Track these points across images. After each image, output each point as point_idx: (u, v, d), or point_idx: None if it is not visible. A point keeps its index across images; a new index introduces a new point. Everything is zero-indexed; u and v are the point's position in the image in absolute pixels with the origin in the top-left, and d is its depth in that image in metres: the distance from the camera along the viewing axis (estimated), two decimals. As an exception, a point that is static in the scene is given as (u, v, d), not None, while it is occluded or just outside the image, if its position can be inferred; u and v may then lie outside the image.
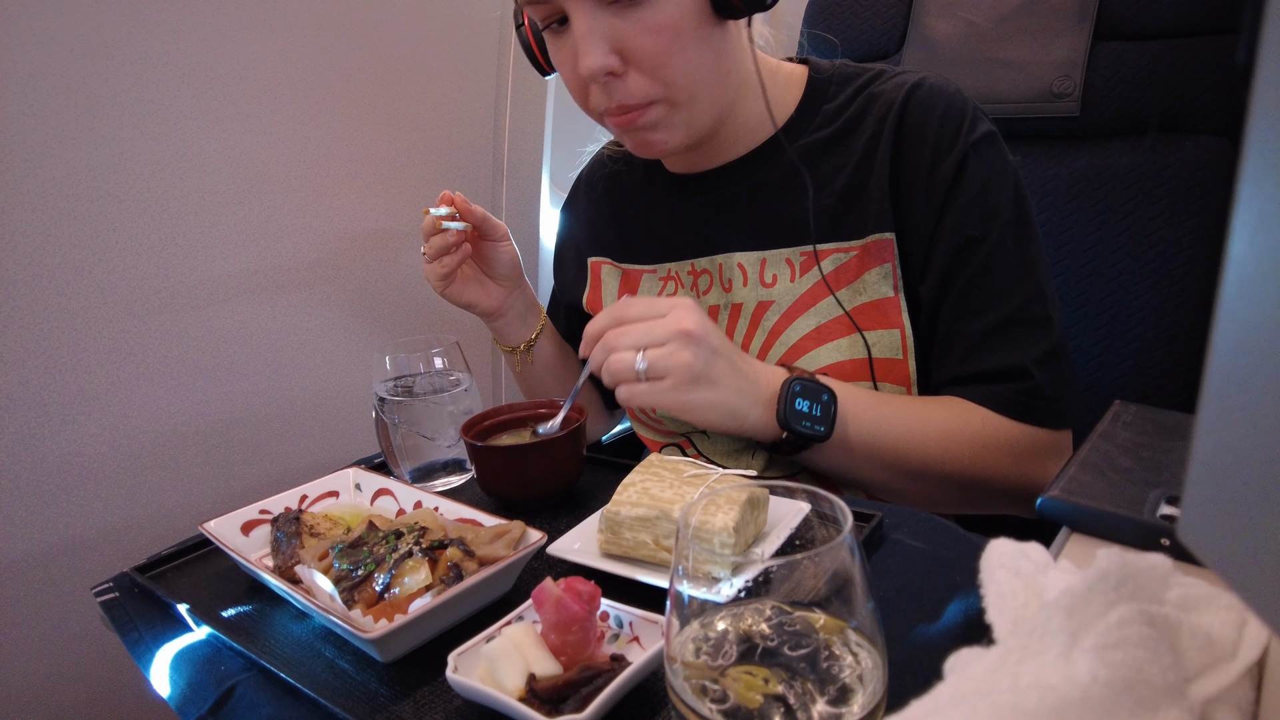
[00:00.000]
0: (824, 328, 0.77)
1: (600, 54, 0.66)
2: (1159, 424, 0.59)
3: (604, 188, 0.96)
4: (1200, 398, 0.19)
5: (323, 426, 1.14)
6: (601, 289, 0.94)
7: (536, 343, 0.94)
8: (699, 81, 0.71)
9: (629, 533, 0.58)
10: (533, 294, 0.95)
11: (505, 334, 0.93)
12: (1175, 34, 0.90)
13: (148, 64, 0.89)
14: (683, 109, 0.71)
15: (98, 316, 0.90)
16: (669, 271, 0.88)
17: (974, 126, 0.73)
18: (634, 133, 0.73)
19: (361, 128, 1.13)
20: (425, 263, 0.85)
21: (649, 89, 0.69)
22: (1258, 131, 0.17)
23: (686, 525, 0.36)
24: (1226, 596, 0.34)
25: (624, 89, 0.69)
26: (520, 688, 0.44)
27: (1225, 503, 0.19)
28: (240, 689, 0.51)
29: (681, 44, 0.68)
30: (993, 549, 0.41)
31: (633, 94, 0.69)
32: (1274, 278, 0.17)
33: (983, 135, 0.73)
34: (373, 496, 0.72)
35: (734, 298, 0.82)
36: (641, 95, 0.69)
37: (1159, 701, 0.28)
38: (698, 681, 0.34)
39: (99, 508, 0.93)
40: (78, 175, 0.86)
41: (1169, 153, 0.90)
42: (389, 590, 0.53)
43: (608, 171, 0.96)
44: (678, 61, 0.68)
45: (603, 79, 0.68)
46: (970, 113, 0.74)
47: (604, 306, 0.89)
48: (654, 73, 0.68)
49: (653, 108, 0.70)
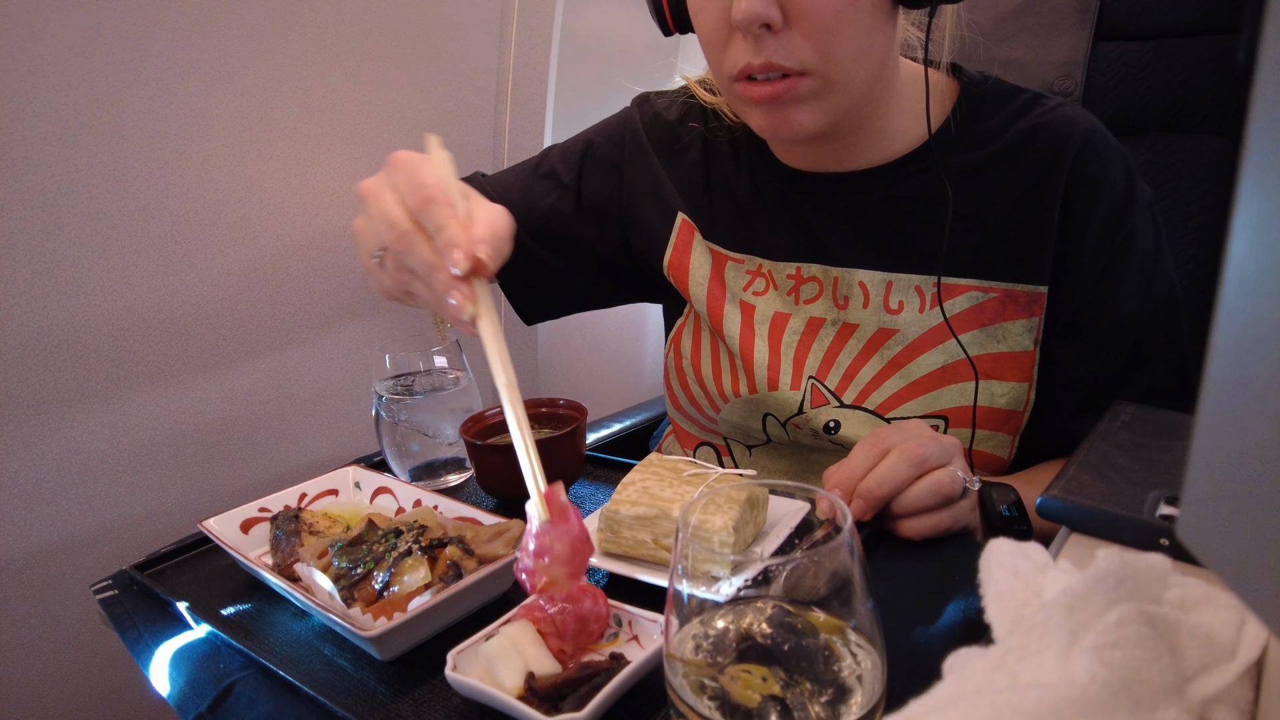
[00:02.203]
0: (949, 368, 0.71)
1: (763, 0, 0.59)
2: (1158, 424, 0.59)
3: (703, 140, 0.85)
4: (1200, 398, 0.19)
5: (322, 425, 1.14)
6: (691, 257, 0.84)
7: None
8: (859, 64, 0.64)
9: (628, 531, 0.58)
10: None
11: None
12: (1175, 34, 0.90)
13: (148, 62, 0.89)
14: (836, 90, 0.64)
15: (97, 314, 0.90)
16: (759, 267, 0.80)
17: (1142, 190, 0.70)
18: (776, 107, 0.65)
19: (362, 126, 1.13)
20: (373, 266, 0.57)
21: (806, 55, 0.61)
22: (1258, 131, 0.17)
23: (686, 524, 0.36)
24: (1225, 596, 0.34)
25: (779, 47, 0.61)
26: (519, 686, 0.44)
27: (1224, 503, 0.19)
28: (239, 687, 0.51)
29: (857, 14, 0.61)
30: (992, 549, 0.41)
31: (788, 54, 0.61)
32: (1274, 278, 0.17)
33: (1148, 202, 0.71)
34: (372, 495, 0.72)
35: (849, 316, 0.75)
36: (796, 59, 0.61)
37: (1157, 701, 0.28)
38: (696, 680, 0.34)
39: (98, 505, 0.93)
40: (77, 173, 0.86)
41: (1169, 153, 0.90)
42: (388, 588, 0.53)
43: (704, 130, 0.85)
44: (845, 33, 0.61)
45: (756, 30, 0.60)
46: (1135, 174, 0.70)
47: (691, 281, 0.82)
48: (817, 38, 0.61)
49: (805, 80, 0.63)
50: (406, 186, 0.50)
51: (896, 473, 0.57)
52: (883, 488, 0.56)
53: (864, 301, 0.75)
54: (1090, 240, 0.69)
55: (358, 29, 1.09)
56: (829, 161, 0.76)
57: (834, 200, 0.76)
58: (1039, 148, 0.70)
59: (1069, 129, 0.69)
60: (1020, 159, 0.70)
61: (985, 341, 0.71)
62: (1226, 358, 0.18)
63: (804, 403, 0.76)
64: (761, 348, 0.78)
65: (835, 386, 0.75)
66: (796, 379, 0.77)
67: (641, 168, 0.87)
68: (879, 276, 0.74)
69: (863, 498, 0.57)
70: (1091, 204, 0.68)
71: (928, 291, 0.72)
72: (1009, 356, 0.71)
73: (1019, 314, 0.71)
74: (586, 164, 0.89)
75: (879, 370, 0.74)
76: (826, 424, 0.76)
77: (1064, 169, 0.68)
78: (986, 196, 0.71)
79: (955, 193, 0.69)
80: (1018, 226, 0.70)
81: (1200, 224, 0.89)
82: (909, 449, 0.57)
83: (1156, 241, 0.71)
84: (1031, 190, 0.70)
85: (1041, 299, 0.70)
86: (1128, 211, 0.69)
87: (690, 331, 0.86)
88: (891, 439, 0.59)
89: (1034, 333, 0.71)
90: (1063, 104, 0.72)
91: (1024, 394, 0.71)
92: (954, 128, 0.73)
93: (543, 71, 1.29)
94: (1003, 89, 0.74)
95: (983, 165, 0.71)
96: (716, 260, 0.82)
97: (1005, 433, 0.73)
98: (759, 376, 0.78)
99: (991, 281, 0.71)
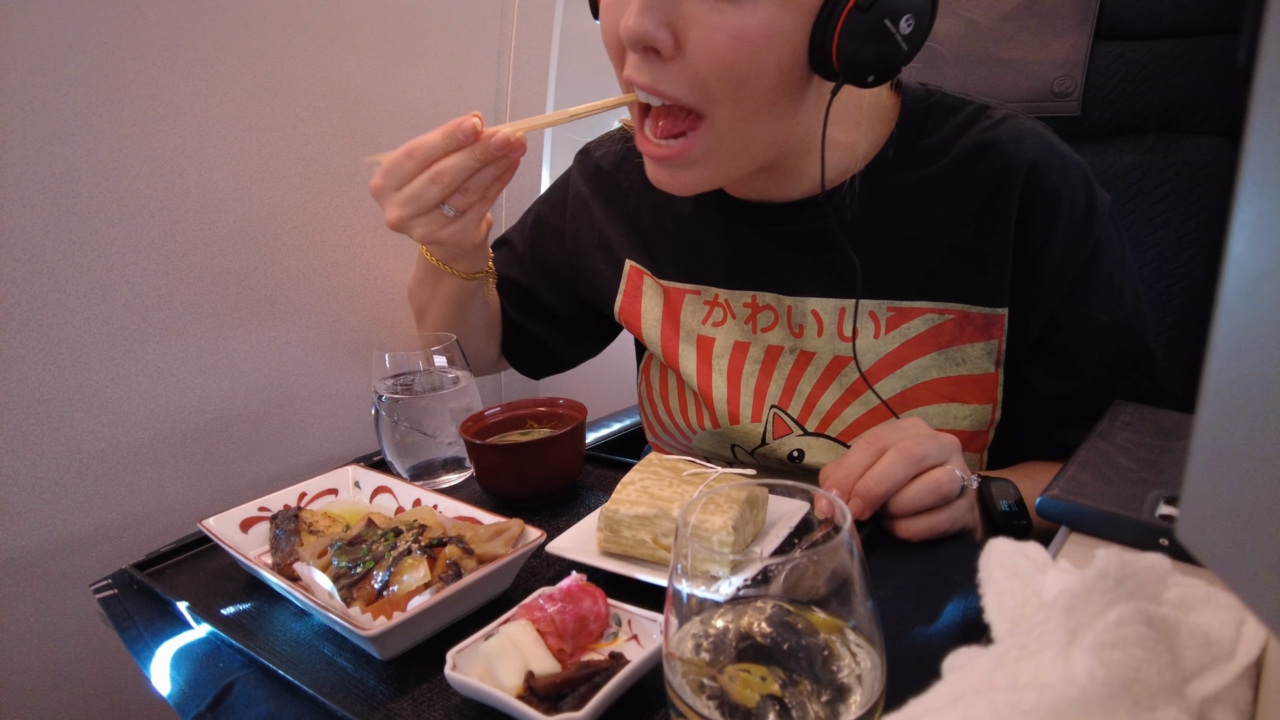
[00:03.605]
0: (910, 393, 0.70)
1: (651, 20, 0.55)
2: (1158, 424, 0.59)
3: (638, 179, 0.83)
4: (1200, 398, 0.19)
5: (322, 424, 1.14)
6: (642, 302, 0.83)
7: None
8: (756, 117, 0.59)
9: (628, 531, 0.58)
10: None
11: (476, 258, 0.80)
12: (1175, 34, 0.90)
13: (148, 60, 0.89)
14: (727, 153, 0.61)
15: (97, 313, 0.90)
16: (715, 297, 0.79)
17: (1100, 199, 0.68)
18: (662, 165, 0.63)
19: (362, 126, 1.13)
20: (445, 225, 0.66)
21: (688, 90, 0.58)
22: (1258, 131, 0.17)
23: (685, 524, 0.36)
24: (1225, 596, 0.34)
25: (665, 74, 0.58)
26: (519, 685, 0.44)
27: (1224, 503, 0.19)
28: (239, 686, 0.51)
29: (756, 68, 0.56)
30: (991, 548, 0.41)
31: (674, 84, 0.58)
32: (1274, 278, 0.17)
33: (1108, 210, 0.69)
34: (372, 494, 0.72)
35: (805, 344, 0.74)
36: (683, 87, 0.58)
37: (1156, 701, 0.28)
38: (695, 679, 0.34)
39: (98, 504, 0.93)
40: (77, 171, 0.86)
41: (1169, 153, 0.90)
42: (388, 588, 0.53)
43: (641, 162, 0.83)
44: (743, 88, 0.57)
45: (640, 50, 0.57)
46: (1093, 182, 0.68)
47: (643, 324, 0.82)
48: (705, 74, 0.57)
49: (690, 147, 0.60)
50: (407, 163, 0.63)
51: (894, 472, 0.56)
52: (880, 487, 0.56)
53: (818, 330, 0.73)
54: (1053, 257, 0.66)
55: (357, 29, 1.09)
56: (769, 190, 0.74)
57: (777, 229, 0.75)
58: (986, 165, 0.67)
59: (1016, 143, 0.66)
60: (967, 178, 0.67)
61: (944, 365, 0.69)
62: (1226, 358, 0.18)
63: (766, 434, 0.76)
64: (720, 383, 0.78)
65: (798, 415, 0.75)
66: (758, 411, 0.76)
67: (586, 222, 0.89)
68: (831, 304, 0.73)
69: (860, 497, 0.56)
70: (1051, 221, 0.66)
71: (882, 317, 0.70)
72: (970, 380, 0.69)
73: (977, 337, 0.69)
74: (535, 234, 0.93)
75: (839, 397, 0.73)
76: (790, 453, 0.75)
77: (1015, 188, 0.66)
78: (933, 217, 0.68)
79: (900, 214, 0.68)
80: (969, 248, 0.68)
81: (1200, 224, 0.89)
82: (906, 447, 0.57)
83: (1122, 249, 0.70)
84: (982, 210, 0.67)
85: (1000, 321, 0.68)
86: (1090, 223, 0.67)
87: (656, 365, 0.86)
88: (889, 437, 0.58)
89: (994, 355, 0.69)
90: (1010, 116, 0.69)
91: (988, 414, 0.71)
92: (893, 149, 0.70)
93: (543, 71, 1.29)
94: (946, 103, 0.71)
95: (928, 184, 0.69)
96: (671, 300, 0.81)
97: (971, 451, 0.73)
98: (719, 411, 0.78)
99: (946, 303, 0.69)
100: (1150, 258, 0.91)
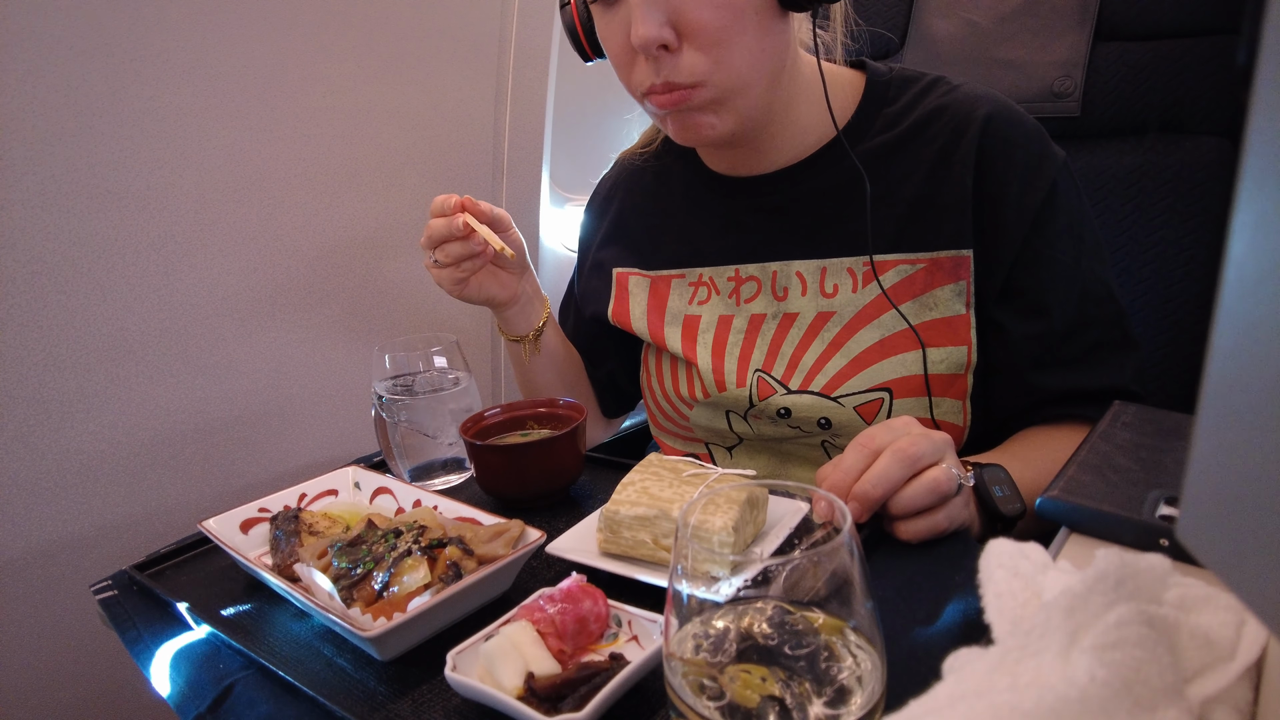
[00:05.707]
0: (888, 341, 0.74)
1: (655, 24, 0.64)
2: (1158, 424, 0.59)
3: (627, 189, 0.94)
4: (1200, 398, 0.19)
5: (322, 425, 1.14)
6: (630, 301, 0.90)
7: (543, 331, 0.92)
8: (753, 69, 0.68)
9: (628, 532, 0.58)
10: (536, 279, 0.93)
11: (515, 322, 0.91)
12: (1175, 34, 0.90)
13: (148, 62, 0.89)
14: (735, 96, 0.69)
15: (97, 314, 0.90)
16: (700, 277, 0.85)
17: (1056, 150, 0.73)
18: (680, 114, 0.70)
19: (361, 126, 1.13)
20: (433, 268, 0.82)
21: (701, 68, 0.66)
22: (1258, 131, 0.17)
23: (685, 524, 0.36)
24: (1225, 597, 0.34)
25: (674, 65, 0.66)
26: (519, 686, 0.44)
27: (1224, 503, 0.19)
28: (239, 687, 0.51)
29: (741, 25, 0.65)
30: (992, 549, 0.41)
31: (682, 71, 0.66)
32: (1274, 278, 0.17)
33: (1064, 161, 0.73)
34: (372, 495, 0.72)
35: (788, 307, 0.79)
36: (690, 73, 0.66)
37: (1157, 701, 0.28)
38: (696, 680, 0.34)
39: (98, 505, 0.93)
40: (77, 173, 0.86)
41: (1169, 153, 0.90)
42: (388, 589, 0.53)
43: (633, 170, 0.93)
44: (735, 43, 0.66)
45: (654, 52, 0.65)
46: (1048, 138, 0.74)
47: (632, 319, 0.89)
48: (709, 51, 0.65)
49: (701, 89, 0.67)
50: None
51: (891, 473, 0.56)
52: (878, 489, 0.56)
53: (802, 290, 0.79)
54: (1011, 199, 0.71)
55: (358, 30, 1.09)
56: (751, 164, 0.81)
57: (761, 199, 0.81)
58: (944, 123, 0.74)
59: (972, 102, 0.74)
60: (926, 135, 0.74)
61: (919, 311, 0.74)
62: (1226, 358, 0.18)
63: (752, 396, 0.80)
64: (704, 354, 0.82)
65: (781, 375, 0.78)
66: (742, 376, 0.80)
67: (590, 250, 0.98)
68: (814, 265, 0.78)
69: (858, 500, 0.57)
70: (1007, 164, 0.71)
71: (859, 271, 0.76)
72: (942, 322, 0.73)
73: (945, 280, 0.73)
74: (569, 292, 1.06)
75: (821, 352, 0.77)
76: (777, 410, 0.79)
77: (973, 138, 0.72)
78: (899, 174, 0.75)
79: (871, 175, 0.73)
80: (933, 197, 0.73)
81: (1200, 224, 0.89)
82: (901, 448, 0.57)
83: (1080, 200, 0.74)
84: (941, 162, 0.73)
85: (967, 262, 0.72)
86: (1044, 167, 0.71)
87: (652, 351, 0.92)
88: (882, 439, 0.59)
89: (964, 296, 0.73)
90: (966, 84, 0.76)
91: (963, 357, 0.73)
92: (860, 117, 0.77)
93: (543, 71, 1.29)
94: (906, 75, 0.79)
95: (893, 146, 0.76)
96: (657, 289, 0.88)
97: (952, 397, 0.75)
98: (707, 380, 0.82)
99: (917, 253, 0.74)
100: (1150, 258, 0.91)
